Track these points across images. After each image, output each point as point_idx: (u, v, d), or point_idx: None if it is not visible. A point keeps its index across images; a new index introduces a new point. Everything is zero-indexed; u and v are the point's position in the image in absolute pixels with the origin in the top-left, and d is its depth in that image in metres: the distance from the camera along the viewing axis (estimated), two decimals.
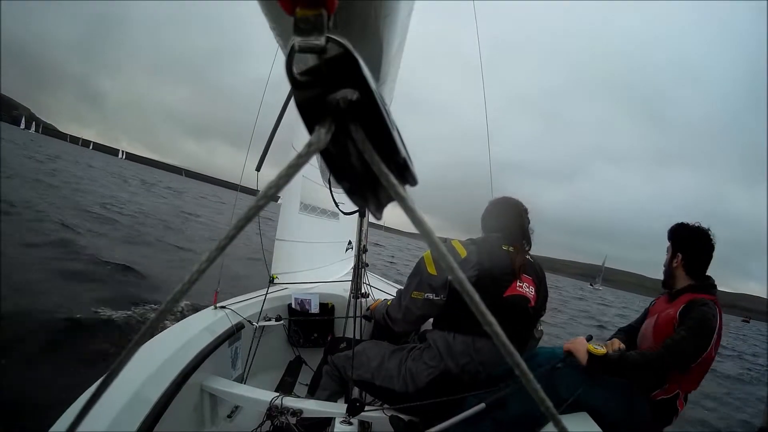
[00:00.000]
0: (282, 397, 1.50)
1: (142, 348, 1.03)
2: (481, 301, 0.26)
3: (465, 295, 0.26)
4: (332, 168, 0.28)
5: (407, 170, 0.28)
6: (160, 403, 1.19)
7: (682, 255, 1.67)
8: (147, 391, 1.19)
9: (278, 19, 0.36)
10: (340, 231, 3.58)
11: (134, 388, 1.15)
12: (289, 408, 1.47)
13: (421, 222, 0.26)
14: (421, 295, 1.51)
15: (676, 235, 1.73)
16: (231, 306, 2.02)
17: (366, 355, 1.66)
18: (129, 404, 1.09)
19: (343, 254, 3.76)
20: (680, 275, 1.69)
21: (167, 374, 1.32)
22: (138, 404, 1.13)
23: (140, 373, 1.23)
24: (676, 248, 1.70)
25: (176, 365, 1.38)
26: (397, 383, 1.56)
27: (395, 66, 0.62)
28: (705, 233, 1.68)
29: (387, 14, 0.39)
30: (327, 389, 1.78)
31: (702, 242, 1.67)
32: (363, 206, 0.31)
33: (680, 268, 1.68)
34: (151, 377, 1.24)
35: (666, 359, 1.41)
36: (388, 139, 0.27)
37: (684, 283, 1.67)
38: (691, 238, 1.69)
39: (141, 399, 1.14)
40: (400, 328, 1.66)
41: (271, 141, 1.77)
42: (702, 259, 1.67)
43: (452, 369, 1.49)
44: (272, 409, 1.46)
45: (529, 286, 1.56)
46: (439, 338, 1.53)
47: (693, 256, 1.66)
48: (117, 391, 1.10)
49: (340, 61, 0.25)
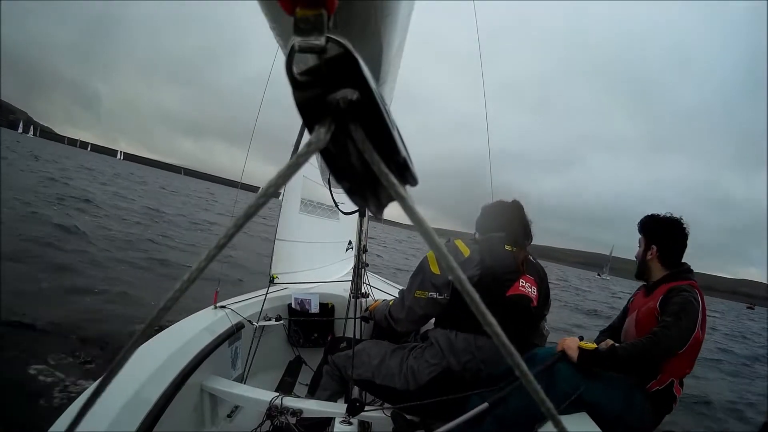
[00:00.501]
0: (282, 397, 1.50)
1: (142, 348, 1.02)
2: (480, 300, 0.26)
3: (465, 294, 0.26)
4: (332, 168, 0.28)
5: (407, 170, 0.28)
6: (160, 403, 1.19)
7: (657, 247, 1.68)
8: (146, 391, 1.19)
9: (278, 19, 0.36)
10: (341, 231, 3.58)
11: (134, 388, 1.15)
12: (289, 408, 1.47)
13: (422, 222, 0.26)
14: (425, 294, 1.51)
15: (647, 228, 1.73)
16: (231, 306, 2.02)
17: (367, 354, 1.67)
18: (128, 404, 1.09)
19: (344, 254, 3.76)
20: (655, 267, 1.69)
21: (167, 374, 1.32)
22: (137, 404, 1.12)
23: (140, 373, 1.23)
24: (650, 240, 1.70)
25: (176, 365, 1.38)
26: (398, 381, 1.56)
27: (395, 66, 0.62)
28: (678, 223, 1.68)
29: (387, 14, 0.39)
30: (327, 389, 1.79)
31: (675, 232, 1.68)
32: (363, 206, 0.31)
33: (655, 260, 1.69)
34: (151, 377, 1.24)
35: (655, 347, 1.41)
36: (388, 138, 0.27)
37: (660, 274, 1.68)
38: (663, 230, 1.69)
39: (140, 399, 1.14)
40: (403, 327, 1.66)
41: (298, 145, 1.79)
42: (676, 249, 1.67)
43: (454, 366, 1.50)
44: (272, 409, 1.46)
45: (531, 285, 1.58)
46: (441, 336, 1.54)
47: (667, 247, 1.67)
48: (116, 392, 1.10)
49: (340, 61, 0.25)
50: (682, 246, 1.67)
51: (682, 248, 1.67)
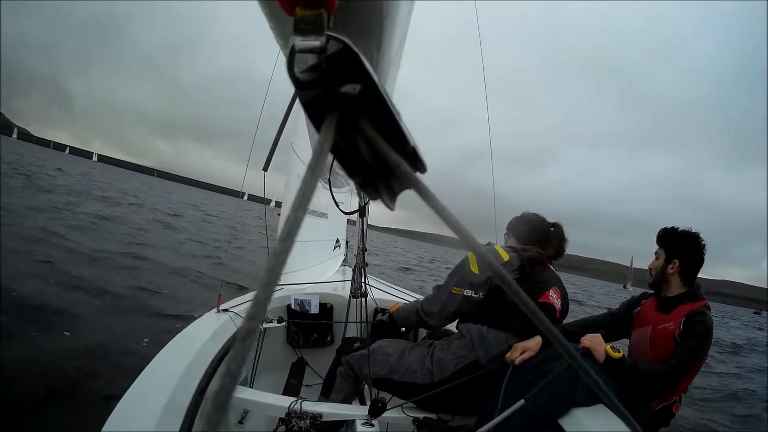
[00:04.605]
0: (301, 401, 1.47)
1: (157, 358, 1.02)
2: (525, 294, 0.27)
3: (508, 289, 0.27)
4: (343, 163, 0.28)
5: (417, 158, 0.28)
6: (190, 410, 1.16)
7: (679, 261, 1.66)
8: (179, 397, 1.16)
9: (278, 19, 0.36)
10: (328, 229, 3.58)
11: (165, 397, 1.12)
12: (308, 413, 1.44)
13: (439, 205, 0.26)
14: (461, 291, 1.57)
15: (669, 241, 1.71)
16: (233, 309, 2.01)
17: (383, 352, 1.67)
18: (166, 410, 1.07)
19: (331, 252, 3.74)
20: (675, 281, 1.67)
21: (191, 382, 1.28)
22: (174, 410, 1.11)
23: (167, 382, 1.20)
24: (672, 254, 1.68)
25: (196, 373, 1.35)
26: (419, 376, 1.57)
27: (395, 66, 0.62)
28: (699, 239, 1.68)
29: (387, 14, 0.39)
30: (342, 391, 1.78)
31: (697, 249, 1.67)
32: (376, 198, 0.31)
33: (676, 275, 1.67)
34: (179, 384, 1.21)
35: (677, 376, 1.46)
36: (396, 129, 0.27)
37: (678, 290, 1.67)
38: (686, 245, 1.68)
39: (176, 404, 1.12)
40: (434, 321, 1.69)
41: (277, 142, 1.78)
42: (696, 266, 1.67)
43: (482, 360, 1.52)
44: (291, 414, 1.43)
45: (557, 298, 1.64)
46: (473, 329, 1.57)
47: (689, 262, 1.66)
48: (152, 397, 1.08)
49: (341, 57, 0.25)
50: (701, 262, 1.67)
51: (701, 265, 1.67)
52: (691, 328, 1.51)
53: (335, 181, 1.61)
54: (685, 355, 1.47)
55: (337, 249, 3.85)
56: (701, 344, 1.49)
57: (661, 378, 1.43)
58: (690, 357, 1.47)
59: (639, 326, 1.72)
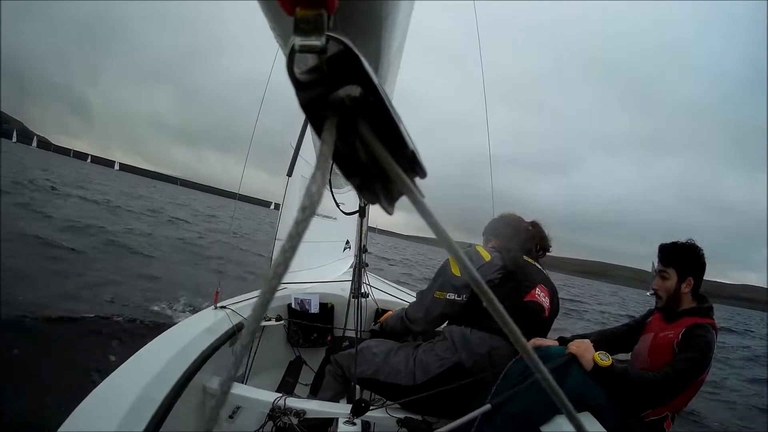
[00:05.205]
0: (285, 397, 1.49)
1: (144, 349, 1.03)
2: (497, 300, 0.27)
3: (480, 293, 0.27)
4: (341, 165, 0.28)
5: (416, 163, 0.28)
6: (165, 404, 1.18)
7: (693, 278, 1.57)
8: (152, 392, 1.18)
9: (278, 19, 0.36)
10: (338, 231, 3.57)
11: (139, 389, 1.14)
12: (292, 408, 1.46)
13: (429, 215, 0.26)
14: (444, 295, 1.57)
15: (678, 258, 1.60)
16: (231, 306, 2.02)
17: (370, 351, 1.67)
18: (135, 405, 1.08)
19: (341, 253, 3.75)
20: (686, 299, 1.60)
21: (171, 375, 1.30)
22: (144, 405, 1.12)
23: (145, 375, 1.22)
24: (686, 272, 1.58)
25: (179, 366, 1.37)
26: (403, 377, 1.57)
27: (395, 66, 0.62)
28: (700, 250, 1.60)
29: (387, 14, 0.38)
30: (330, 389, 1.79)
31: (702, 261, 1.60)
32: (374, 201, 0.31)
33: (689, 293, 1.59)
34: (155, 378, 1.23)
35: (665, 387, 1.40)
36: (395, 132, 0.27)
37: (688, 305, 1.59)
38: (695, 259, 1.60)
39: (147, 400, 1.14)
40: (420, 327, 1.69)
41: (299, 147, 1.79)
42: (702, 278, 1.59)
43: (465, 362, 1.51)
44: (275, 410, 1.45)
45: (545, 296, 1.63)
46: (455, 331, 1.57)
47: (701, 277, 1.59)
48: (123, 393, 1.10)
49: (341, 58, 0.25)
50: (704, 273, 1.61)
51: (703, 275, 1.61)
52: (690, 339, 1.47)
53: (336, 182, 1.62)
54: (681, 366, 1.42)
55: (347, 250, 3.85)
56: (698, 357, 1.43)
57: (654, 386, 1.39)
58: (686, 368, 1.41)
59: (645, 334, 1.69)
